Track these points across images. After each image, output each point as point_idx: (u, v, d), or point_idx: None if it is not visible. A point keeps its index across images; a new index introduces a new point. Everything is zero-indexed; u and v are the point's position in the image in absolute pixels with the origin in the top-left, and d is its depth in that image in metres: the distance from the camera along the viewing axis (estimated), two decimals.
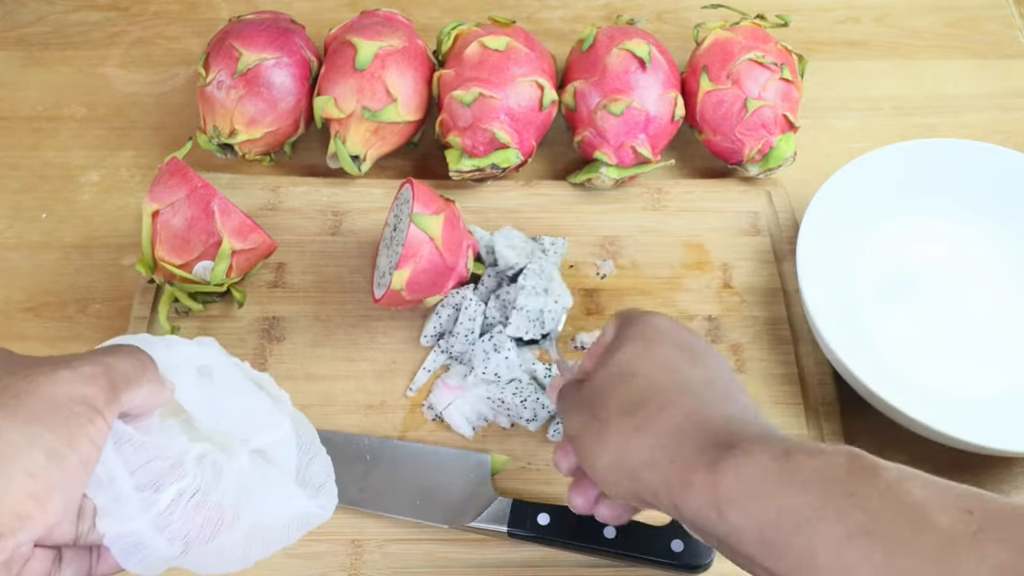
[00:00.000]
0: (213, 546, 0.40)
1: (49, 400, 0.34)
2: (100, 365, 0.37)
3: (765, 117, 0.69)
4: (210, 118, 0.70)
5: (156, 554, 0.39)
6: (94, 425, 0.35)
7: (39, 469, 0.33)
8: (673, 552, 0.54)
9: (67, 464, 0.34)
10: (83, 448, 0.34)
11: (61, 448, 0.33)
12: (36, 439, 0.33)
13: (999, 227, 0.69)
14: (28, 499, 0.33)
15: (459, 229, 0.63)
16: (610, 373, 0.45)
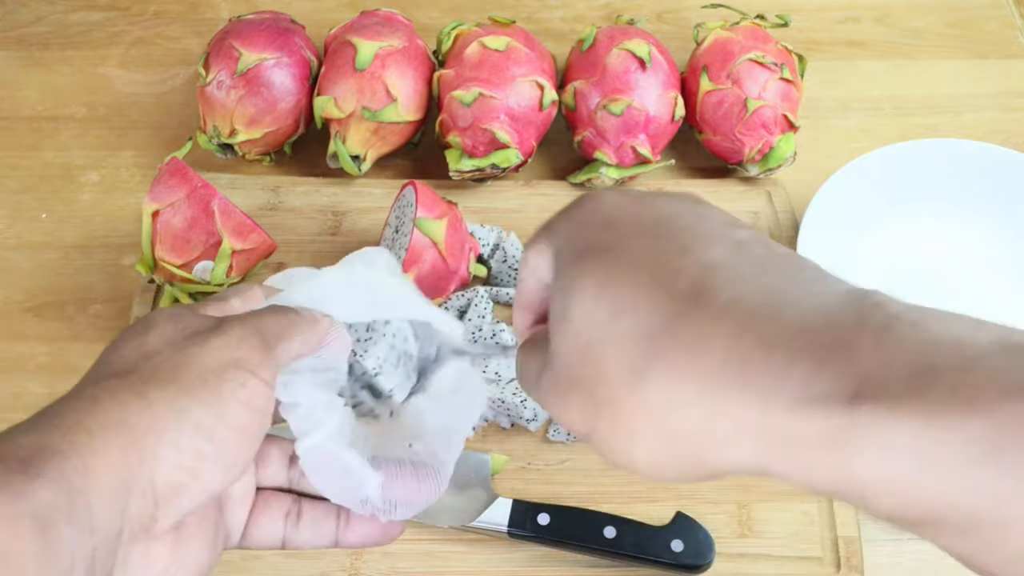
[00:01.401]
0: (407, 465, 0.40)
1: (199, 370, 0.34)
2: (249, 327, 0.37)
3: (765, 117, 0.69)
4: (210, 118, 0.70)
5: (349, 469, 0.38)
6: (246, 389, 0.35)
7: (186, 443, 0.33)
8: (673, 552, 0.54)
9: (217, 434, 0.34)
10: (235, 414, 0.34)
11: (208, 419, 0.34)
12: (183, 413, 0.33)
13: (999, 227, 0.69)
14: (178, 471, 0.33)
15: (461, 232, 0.63)
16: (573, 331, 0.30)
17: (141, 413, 0.33)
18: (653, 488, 0.59)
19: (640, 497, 0.58)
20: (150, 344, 0.36)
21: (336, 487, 0.39)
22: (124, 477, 0.32)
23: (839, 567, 0.56)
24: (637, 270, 0.29)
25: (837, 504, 0.58)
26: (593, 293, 0.30)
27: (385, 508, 0.39)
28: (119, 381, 0.34)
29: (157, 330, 0.36)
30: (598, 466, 0.60)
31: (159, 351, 0.35)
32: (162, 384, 0.34)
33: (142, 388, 0.34)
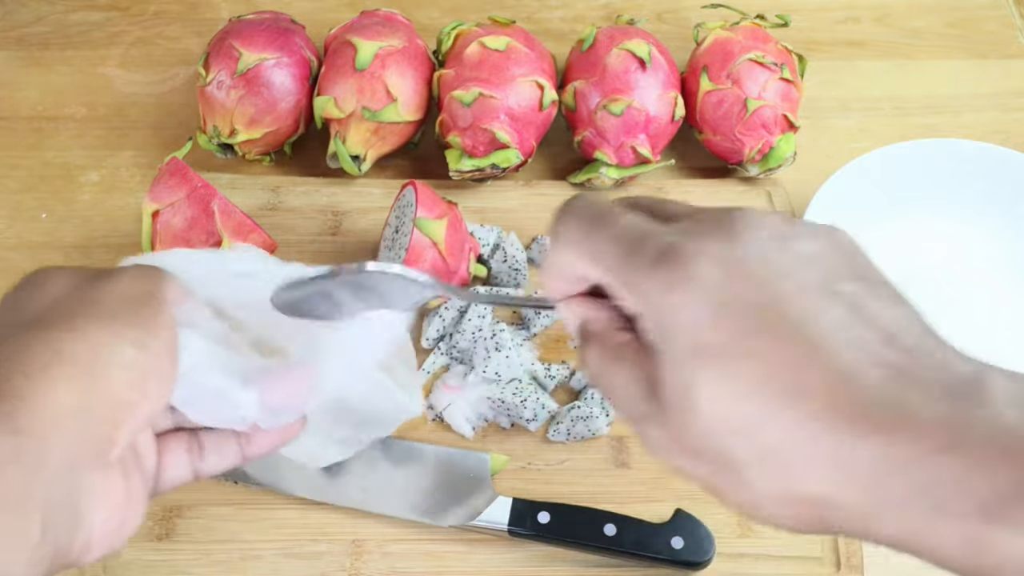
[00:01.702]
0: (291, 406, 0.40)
1: (119, 299, 0.37)
2: (140, 268, 0.39)
3: (765, 117, 0.69)
4: (210, 118, 0.70)
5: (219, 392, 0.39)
6: (163, 314, 0.37)
7: (130, 360, 0.35)
8: (673, 549, 0.54)
9: (153, 350, 0.36)
10: (163, 334, 0.37)
11: (144, 338, 0.36)
12: (121, 334, 0.35)
13: (999, 227, 0.69)
14: (128, 388, 0.35)
15: (461, 232, 0.63)
16: (702, 420, 0.29)
17: (77, 343, 0.34)
18: (653, 488, 0.59)
19: (640, 496, 0.58)
20: (54, 292, 0.37)
21: (212, 413, 0.40)
22: (76, 405, 0.33)
23: (839, 567, 0.56)
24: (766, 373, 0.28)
25: None
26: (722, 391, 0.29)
27: (267, 418, 0.40)
28: (38, 326, 0.35)
29: (54, 280, 0.38)
30: (598, 466, 0.60)
31: (68, 294, 0.37)
32: (88, 316, 0.35)
33: (68, 324, 0.35)
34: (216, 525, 0.57)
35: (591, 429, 0.60)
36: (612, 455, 0.60)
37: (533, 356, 0.63)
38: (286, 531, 0.57)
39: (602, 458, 0.60)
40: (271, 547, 0.57)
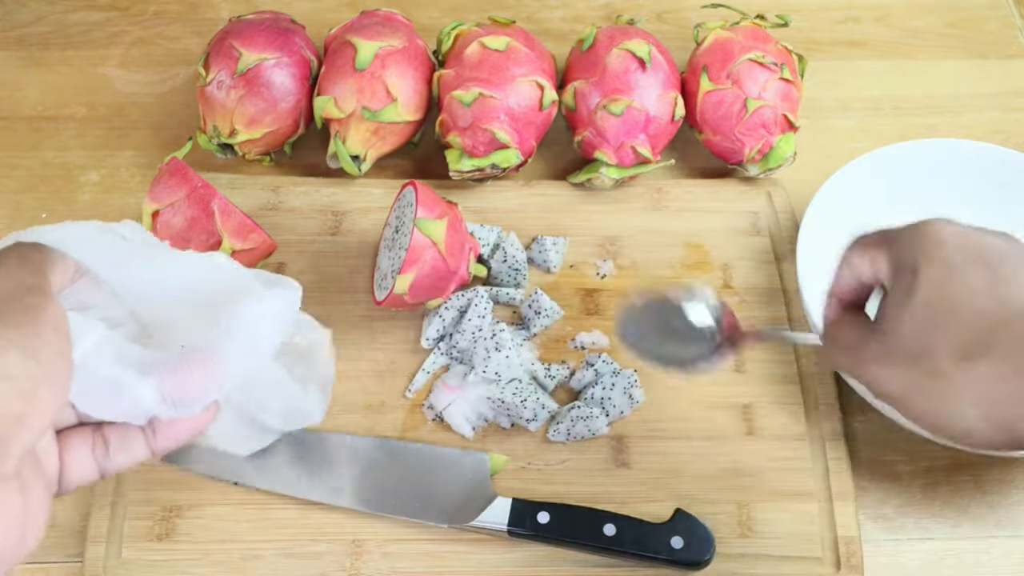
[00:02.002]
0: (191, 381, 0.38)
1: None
2: (15, 255, 0.36)
3: (765, 117, 0.69)
4: (210, 118, 0.70)
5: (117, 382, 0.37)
6: (47, 311, 0.34)
7: (16, 368, 0.32)
8: (673, 549, 0.54)
9: (42, 356, 0.33)
10: (50, 336, 0.34)
11: (30, 342, 0.33)
12: (3, 340, 0.32)
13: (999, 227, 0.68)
14: (16, 399, 0.32)
15: (461, 232, 0.63)
16: (914, 318, 0.39)
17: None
18: (653, 488, 0.59)
19: (639, 497, 0.58)
20: None
21: (108, 406, 0.37)
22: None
23: (839, 567, 0.56)
24: (973, 282, 0.38)
25: (837, 504, 0.58)
26: (936, 291, 0.39)
27: (166, 410, 0.37)
28: None
29: None
30: (598, 466, 0.60)
31: None
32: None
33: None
34: (216, 525, 0.57)
35: (591, 429, 0.60)
36: (612, 455, 0.60)
37: (533, 356, 0.63)
38: (286, 531, 0.57)
39: (602, 458, 0.60)
40: (271, 547, 0.57)
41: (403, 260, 0.59)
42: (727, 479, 0.59)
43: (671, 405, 0.62)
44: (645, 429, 0.61)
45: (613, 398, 0.61)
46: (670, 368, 0.53)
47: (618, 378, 0.61)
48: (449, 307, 0.63)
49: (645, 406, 0.62)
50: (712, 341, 0.51)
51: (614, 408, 0.61)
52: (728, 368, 0.63)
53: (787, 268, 0.68)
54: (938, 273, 0.39)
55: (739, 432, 0.61)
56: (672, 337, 0.52)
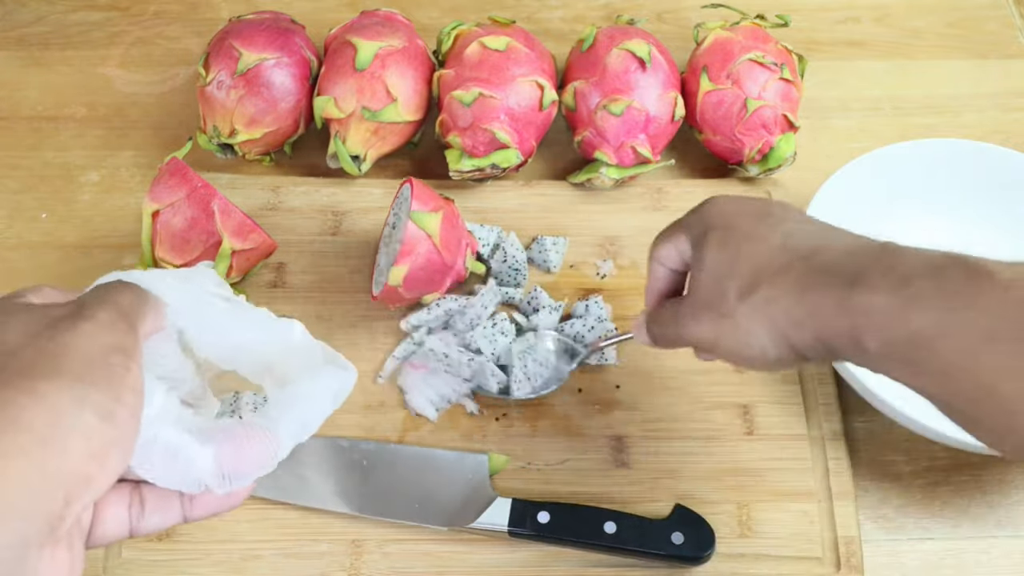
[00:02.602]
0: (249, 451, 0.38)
1: (84, 357, 0.33)
2: (112, 307, 0.36)
3: (765, 117, 0.69)
4: (210, 118, 0.70)
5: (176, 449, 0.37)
6: (131, 373, 0.34)
7: (92, 430, 0.32)
8: (673, 544, 0.54)
9: (118, 419, 0.33)
10: (128, 399, 0.34)
11: (109, 404, 0.33)
12: (84, 400, 0.32)
13: (999, 227, 0.69)
14: (88, 461, 0.32)
15: (458, 228, 0.63)
16: (708, 274, 0.47)
17: (35, 408, 0.31)
18: (653, 488, 0.59)
19: (639, 497, 0.58)
20: (11, 340, 0.33)
21: (166, 472, 0.37)
22: (31, 480, 0.30)
23: (839, 567, 0.56)
24: (746, 235, 0.47)
25: (837, 504, 0.58)
26: (719, 249, 0.47)
27: (220, 483, 0.38)
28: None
29: (12, 324, 0.34)
30: (598, 466, 0.60)
31: (25, 344, 0.33)
32: (48, 376, 0.32)
33: (26, 384, 0.31)
34: (216, 525, 0.57)
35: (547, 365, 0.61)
36: (612, 455, 0.60)
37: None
38: (286, 531, 0.57)
39: (602, 458, 0.60)
40: (271, 547, 0.57)
41: (398, 253, 0.59)
42: (727, 479, 0.59)
43: (671, 405, 0.62)
44: (645, 429, 0.61)
45: (586, 339, 0.63)
46: None
47: (599, 325, 0.63)
48: (440, 304, 0.63)
49: (645, 406, 0.62)
50: None
51: (585, 350, 0.62)
52: (728, 368, 0.63)
53: None
54: (719, 234, 0.47)
55: (739, 432, 0.61)
56: None
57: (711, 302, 0.47)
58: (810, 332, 0.43)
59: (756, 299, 0.44)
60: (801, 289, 0.43)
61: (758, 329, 0.44)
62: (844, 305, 0.41)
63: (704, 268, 0.47)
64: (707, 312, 0.47)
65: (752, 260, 0.46)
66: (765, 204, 0.49)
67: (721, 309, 0.46)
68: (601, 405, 0.62)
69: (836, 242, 0.45)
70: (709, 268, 0.47)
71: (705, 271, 0.47)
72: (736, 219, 0.48)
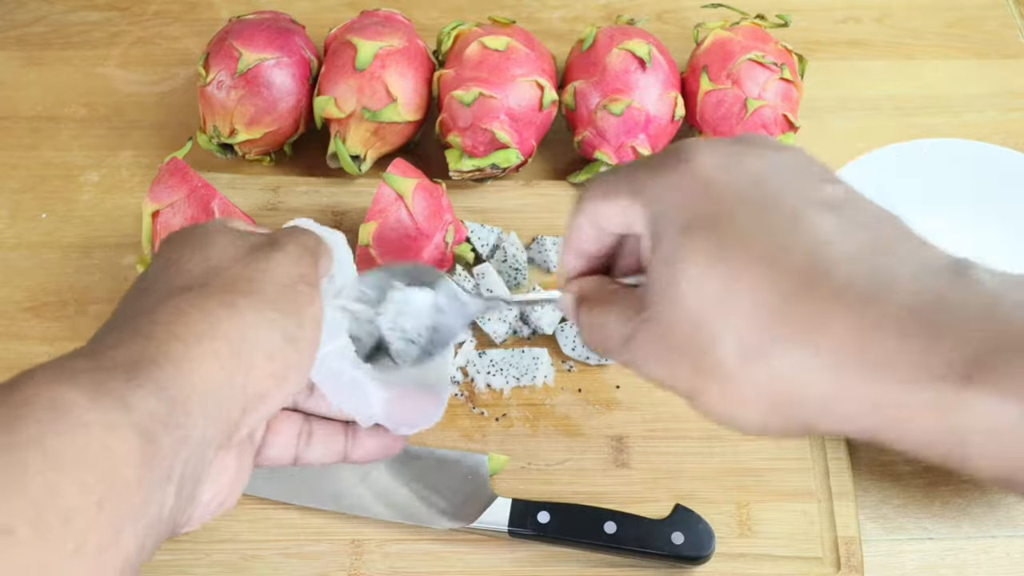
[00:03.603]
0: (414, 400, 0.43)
1: (276, 283, 0.36)
2: (299, 243, 0.38)
3: (765, 117, 0.69)
4: (210, 118, 0.70)
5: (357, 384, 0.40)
6: (314, 304, 0.37)
7: (277, 351, 0.34)
8: (674, 544, 0.54)
9: (300, 345, 0.36)
10: (310, 328, 0.36)
11: (293, 329, 0.35)
12: (273, 322, 0.35)
13: (999, 227, 0.69)
14: (268, 378, 0.34)
15: (438, 201, 0.63)
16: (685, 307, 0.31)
17: (232, 320, 0.34)
18: (652, 488, 0.59)
19: (640, 497, 0.58)
20: (215, 258, 0.36)
21: (345, 399, 0.40)
22: (220, 384, 0.33)
23: (839, 567, 0.56)
24: (747, 245, 0.30)
25: (837, 504, 0.58)
26: (705, 267, 0.31)
27: (390, 425, 0.42)
28: (198, 293, 0.34)
29: (217, 244, 0.37)
30: (598, 466, 0.60)
31: (226, 265, 0.36)
32: (246, 294, 0.35)
33: (228, 298, 0.34)
34: (216, 525, 0.57)
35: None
36: (612, 455, 0.60)
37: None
38: (286, 531, 0.57)
39: (602, 458, 0.60)
40: (271, 547, 0.57)
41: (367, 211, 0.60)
42: (727, 479, 0.59)
43: (671, 405, 0.62)
44: (645, 429, 0.61)
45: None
46: None
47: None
48: None
49: (645, 406, 0.62)
50: None
51: (583, 349, 0.62)
52: None
53: None
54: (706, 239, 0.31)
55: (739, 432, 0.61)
56: None
57: (689, 350, 0.32)
58: (862, 427, 0.29)
59: (769, 368, 0.29)
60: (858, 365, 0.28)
61: (763, 405, 0.30)
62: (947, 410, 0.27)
63: (679, 295, 0.31)
64: (681, 359, 0.32)
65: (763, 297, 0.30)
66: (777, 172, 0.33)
67: (705, 364, 0.31)
68: (601, 405, 0.62)
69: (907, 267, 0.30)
70: (688, 298, 0.31)
71: (681, 301, 0.31)
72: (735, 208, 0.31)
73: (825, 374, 0.29)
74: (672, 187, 0.33)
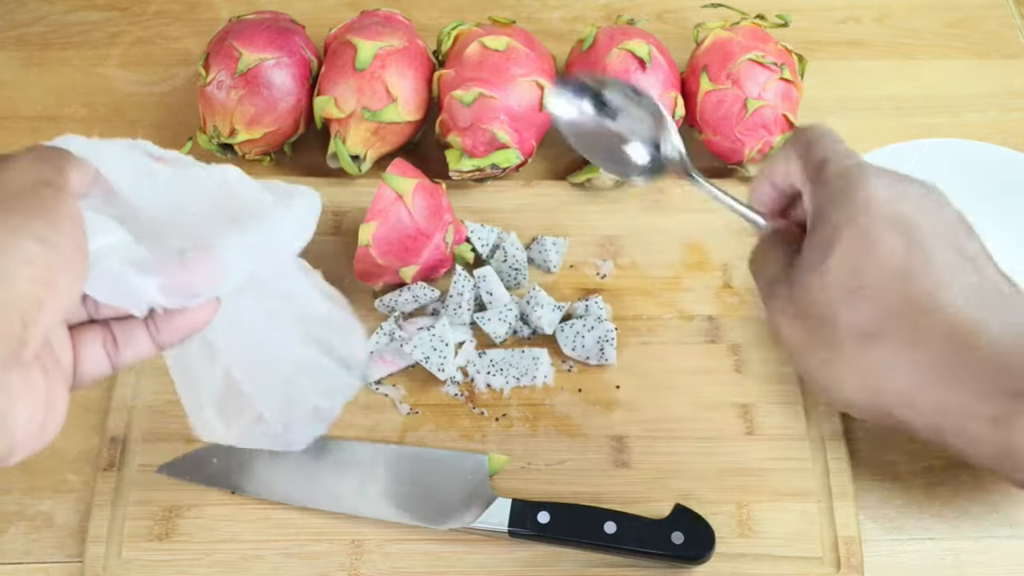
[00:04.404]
0: None
1: (15, 189, 0.35)
2: (35, 154, 0.37)
3: (765, 117, 0.69)
4: (210, 118, 0.70)
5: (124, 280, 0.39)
6: (65, 203, 0.36)
7: (35, 255, 0.34)
8: (674, 544, 0.54)
9: (59, 244, 0.34)
10: (67, 228, 0.35)
11: (45, 231, 0.34)
12: (21, 229, 0.34)
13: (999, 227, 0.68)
14: (35, 285, 0.33)
15: (439, 202, 0.63)
16: (826, 282, 0.39)
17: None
18: (653, 488, 0.59)
19: (639, 497, 0.58)
20: None
21: (117, 296, 0.39)
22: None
23: (839, 567, 0.56)
24: (886, 264, 0.38)
25: (837, 504, 0.58)
26: (852, 263, 0.38)
27: (174, 302, 0.40)
28: None
29: None
30: (598, 466, 0.60)
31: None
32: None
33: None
34: (216, 525, 0.57)
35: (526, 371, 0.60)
36: (612, 455, 0.60)
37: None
38: (286, 531, 0.57)
39: (602, 458, 0.60)
40: (271, 547, 0.57)
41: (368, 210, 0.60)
42: (727, 479, 0.59)
43: (671, 405, 0.62)
44: (645, 429, 0.61)
45: (585, 339, 0.62)
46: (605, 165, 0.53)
47: (599, 325, 0.63)
48: (410, 287, 0.64)
49: (645, 406, 0.62)
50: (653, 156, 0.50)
51: (583, 349, 0.62)
52: (728, 368, 0.63)
53: None
54: (855, 244, 0.38)
55: (739, 432, 0.61)
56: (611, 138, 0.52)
57: (816, 318, 0.39)
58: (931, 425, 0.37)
59: (872, 354, 0.37)
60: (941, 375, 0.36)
61: (856, 381, 0.38)
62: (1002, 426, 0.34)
63: (821, 274, 0.39)
64: (806, 325, 0.39)
65: (886, 299, 0.37)
66: (931, 212, 0.40)
67: (824, 333, 0.39)
68: (601, 405, 0.62)
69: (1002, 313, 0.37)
70: (828, 280, 0.39)
71: (821, 279, 0.39)
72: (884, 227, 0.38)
73: (913, 374, 0.36)
74: (842, 195, 0.40)
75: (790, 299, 0.40)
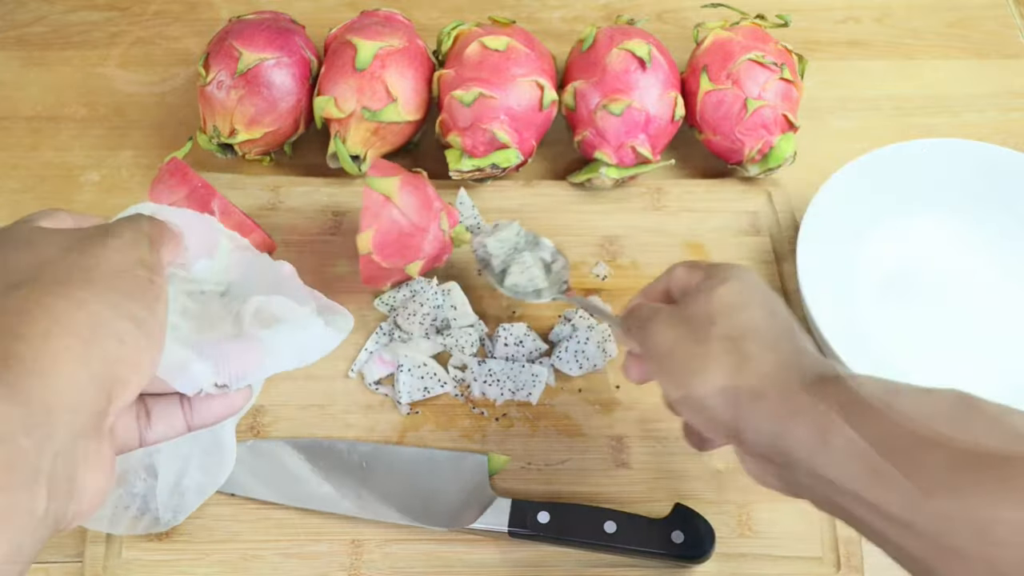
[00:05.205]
0: None
1: (115, 269, 0.36)
2: (136, 229, 0.38)
3: (765, 117, 0.69)
4: (210, 118, 0.70)
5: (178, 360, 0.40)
6: (156, 285, 0.37)
7: (127, 335, 0.35)
8: (674, 543, 0.54)
9: (149, 327, 0.36)
10: (158, 311, 0.37)
11: (141, 312, 0.35)
12: (118, 307, 0.35)
13: (999, 227, 0.69)
14: (122, 365, 0.34)
15: (425, 192, 0.63)
16: (711, 301, 0.46)
17: (76, 313, 0.33)
18: (653, 488, 0.59)
19: (639, 497, 0.58)
20: (44, 252, 0.36)
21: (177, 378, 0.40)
22: (78, 377, 0.33)
23: (839, 567, 0.56)
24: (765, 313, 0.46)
25: None
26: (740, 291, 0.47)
27: (219, 390, 0.41)
28: (31, 290, 0.34)
29: (43, 240, 0.37)
30: (598, 466, 0.60)
31: (58, 257, 0.36)
32: (84, 284, 0.34)
33: (64, 291, 0.34)
34: (216, 525, 0.57)
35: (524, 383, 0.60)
36: (612, 455, 0.60)
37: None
38: (286, 531, 0.57)
39: (602, 458, 0.60)
40: (271, 547, 0.57)
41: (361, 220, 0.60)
42: (727, 479, 0.59)
43: None
44: (645, 429, 0.61)
45: (587, 350, 0.62)
46: (514, 294, 0.61)
47: (592, 332, 0.63)
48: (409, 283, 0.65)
49: (645, 406, 0.62)
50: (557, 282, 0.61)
51: (588, 361, 0.62)
52: None
53: (787, 268, 0.68)
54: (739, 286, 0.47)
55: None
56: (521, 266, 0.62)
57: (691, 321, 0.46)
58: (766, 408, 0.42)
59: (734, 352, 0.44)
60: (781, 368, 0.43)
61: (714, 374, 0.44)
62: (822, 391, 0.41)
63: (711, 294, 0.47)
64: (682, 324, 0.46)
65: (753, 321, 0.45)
66: (775, 298, 0.48)
67: (697, 333, 0.45)
68: (601, 405, 0.62)
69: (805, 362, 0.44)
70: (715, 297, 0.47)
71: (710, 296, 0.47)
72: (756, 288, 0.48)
73: (752, 380, 0.43)
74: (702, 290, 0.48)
75: (672, 313, 0.47)
